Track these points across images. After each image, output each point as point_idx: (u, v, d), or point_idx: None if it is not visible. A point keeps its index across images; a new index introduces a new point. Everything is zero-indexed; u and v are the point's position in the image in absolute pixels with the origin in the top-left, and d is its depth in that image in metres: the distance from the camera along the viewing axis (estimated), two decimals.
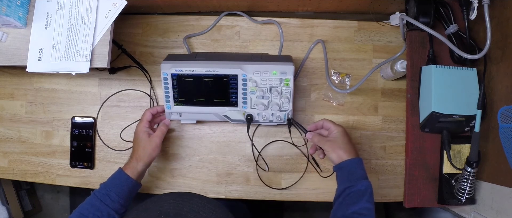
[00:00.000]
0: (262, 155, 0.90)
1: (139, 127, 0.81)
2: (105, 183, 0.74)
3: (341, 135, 0.73)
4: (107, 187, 0.73)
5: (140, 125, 0.81)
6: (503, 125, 0.70)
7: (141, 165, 0.76)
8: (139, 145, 0.79)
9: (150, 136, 0.79)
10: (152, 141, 0.78)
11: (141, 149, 0.78)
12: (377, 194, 0.90)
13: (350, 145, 0.73)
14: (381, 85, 0.91)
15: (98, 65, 0.72)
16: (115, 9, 0.72)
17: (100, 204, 0.71)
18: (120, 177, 0.75)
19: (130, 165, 0.76)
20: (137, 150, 0.78)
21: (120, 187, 0.73)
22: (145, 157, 0.77)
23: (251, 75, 0.79)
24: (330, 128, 0.76)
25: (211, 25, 0.91)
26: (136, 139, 0.80)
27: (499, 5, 0.72)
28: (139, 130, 0.80)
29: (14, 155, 0.94)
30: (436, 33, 0.73)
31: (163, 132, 0.81)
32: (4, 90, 0.95)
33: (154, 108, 0.84)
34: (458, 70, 0.77)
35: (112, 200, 0.71)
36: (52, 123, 0.94)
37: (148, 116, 0.82)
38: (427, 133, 0.83)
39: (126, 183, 0.74)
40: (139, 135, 0.80)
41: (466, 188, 0.76)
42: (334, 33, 0.91)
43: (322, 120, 0.79)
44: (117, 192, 0.72)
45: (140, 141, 0.79)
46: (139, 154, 0.77)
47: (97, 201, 0.71)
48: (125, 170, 0.75)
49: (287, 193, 0.90)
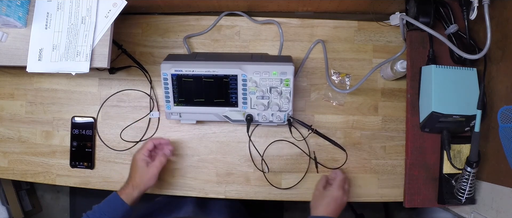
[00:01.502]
0: (262, 156, 0.90)
1: (138, 154, 0.80)
2: (99, 206, 0.74)
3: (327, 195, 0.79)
4: (101, 210, 0.73)
5: (140, 152, 0.80)
6: (503, 125, 0.70)
7: (137, 192, 0.76)
8: (136, 172, 0.78)
9: (148, 165, 0.79)
10: (149, 170, 0.78)
11: (138, 176, 0.78)
12: (377, 194, 0.90)
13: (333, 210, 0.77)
14: (381, 85, 0.91)
15: (98, 65, 0.72)
16: (115, 9, 0.72)
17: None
18: (115, 201, 0.75)
19: (126, 191, 0.76)
20: (134, 177, 0.78)
21: (114, 212, 0.74)
22: (142, 185, 0.77)
23: (251, 75, 0.79)
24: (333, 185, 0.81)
25: (211, 25, 0.91)
26: (134, 165, 0.80)
27: (499, 5, 0.72)
28: (138, 157, 0.80)
29: (14, 155, 0.94)
30: (436, 33, 0.73)
31: (162, 162, 0.80)
32: (4, 90, 0.95)
33: (158, 139, 0.83)
34: (458, 70, 0.77)
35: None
36: (52, 123, 0.94)
37: (150, 145, 0.81)
38: (427, 133, 0.83)
39: (121, 208, 0.74)
40: (137, 162, 0.79)
41: (466, 188, 0.76)
42: (334, 33, 0.91)
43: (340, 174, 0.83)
44: (111, 216, 0.73)
45: (138, 168, 0.79)
46: (136, 181, 0.77)
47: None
48: (121, 194, 0.75)
49: (287, 193, 0.90)
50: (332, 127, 0.90)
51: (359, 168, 0.90)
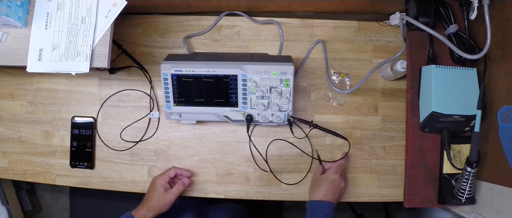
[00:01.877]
0: (263, 156, 0.90)
1: (159, 179, 0.82)
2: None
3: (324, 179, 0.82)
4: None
5: (161, 177, 0.83)
6: (503, 125, 0.70)
7: (151, 214, 0.78)
8: (154, 195, 0.80)
9: (167, 191, 0.81)
10: (167, 196, 0.80)
11: (155, 200, 0.79)
12: (377, 194, 0.90)
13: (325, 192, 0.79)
14: (381, 85, 0.91)
15: (98, 65, 0.72)
16: (115, 9, 0.72)
17: None
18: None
19: (140, 212, 0.78)
20: (151, 200, 0.79)
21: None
22: (156, 209, 0.78)
23: (251, 75, 0.79)
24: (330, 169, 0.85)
25: (211, 25, 0.91)
26: (153, 189, 0.81)
27: (499, 5, 0.72)
28: (158, 182, 0.82)
29: (14, 155, 0.94)
30: (436, 33, 0.73)
31: (180, 190, 0.82)
32: (4, 90, 0.95)
33: (181, 170, 0.86)
34: (458, 70, 0.77)
35: None
36: (52, 123, 0.94)
37: (173, 173, 0.84)
38: (427, 133, 0.83)
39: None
40: (156, 187, 0.81)
41: (466, 188, 0.76)
42: (334, 33, 0.91)
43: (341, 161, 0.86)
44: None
45: (156, 192, 0.80)
46: (152, 204, 0.79)
47: None
48: (135, 215, 0.77)
49: (287, 193, 0.90)
50: (332, 127, 0.90)
51: (359, 168, 0.90)
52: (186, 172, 0.87)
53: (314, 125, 0.87)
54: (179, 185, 0.83)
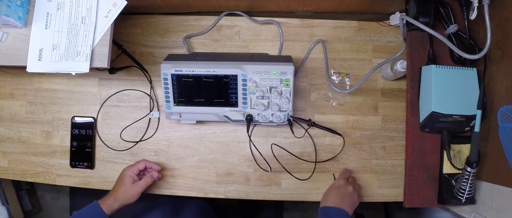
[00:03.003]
0: (263, 155, 0.90)
1: (127, 170, 0.83)
2: (78, 212, 0.78)
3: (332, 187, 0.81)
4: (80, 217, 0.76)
5: (130, 169, 0.83)
6: (503, 125, 0.70)
7: (117, 205, 0.79)
8: (121, 186, 0.81)
9: (134, 183, 0.81)
10: (134, 188, 0.80)
11: (122, 191, 0.80)
12: (377, 194, 0.90)
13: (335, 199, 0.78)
14: (381, 85, 0.91)
15: (98, 65, 0.72)
16: (115, 9, 0.72)
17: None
18: (95, 210, 0.77)
19: (107, 202, 0.79)
20: (117, 190, 0.80)
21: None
22: (123, 200, 0.79)
23: (251, 75, 0.79)
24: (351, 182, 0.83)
25: (211, 25, 0.91)
26: (121, 180, 0.82)
27: (499, 5, 0.72)
28: (126, 173, 0.82)
29: (14, 155, 0.94)
30: (436, 33, 0.73)
31: (148, 183, 0.83)
32: (4, 90, 0.95)
33: (151, 163, 0.86)
34: (458, 70, 0.77)
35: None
36: (52, 123, 0.94)
37: (142, 165, 0.84)
38: (427, 133, 0.83)
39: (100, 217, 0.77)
40: (124, 178, 0.82)
41: (466, 188, 0.76)
42: (334, 33, 0.91)
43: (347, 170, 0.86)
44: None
45: (123, 183, 0.81)
46: (118, 195, 0.80)
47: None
48: (101, 204, 0.78)
49: (287, 193, 0.90)
50: (332, 127, 0.90)
51: (359, 168, 0.90)
52: (156, 166, 0.87)
53: (312, 123, 0.87)
54: (147, 177, 0.83)
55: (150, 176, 0.84)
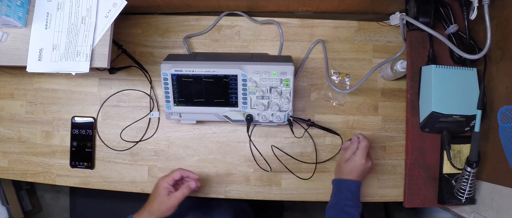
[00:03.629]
0: (263, 155, 0.90)
1: (163, 181, 0.77)
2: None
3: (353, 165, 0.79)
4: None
5: (165, 179, 0.77)
6: (503, 125, 0.70)
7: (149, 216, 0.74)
8: (156, 198, 0.75)
9: (170, 194, 0.75)
10: (170, 200, 0.75)
11: (156, 203, 0.75)
12: (377, 194, 0.90)
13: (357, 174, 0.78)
14: (381, 85, 0.91)
15: (98, 65, 0.72)
16: (115, 9, 0.72)
17: None
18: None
19: (142, 216, 0.74)
20: (152, 203, 0.75)
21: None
22: (158, 213, 0.74)
23: (251, 75, 0.79)
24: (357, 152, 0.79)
25: (211, 25, 0.91)
26: (156, 192, 0.76)
27: (499, 5, 0.72)
28: (161, 184, 0.76)
29: (14, 155, 0.94)
30: (436, 33, 0.73)
31: (185, 194, 0.76)
32: (4, 90, 0.95)
33: (187, 172, 0.80)
34: (458, 70, 0.77)
35: None
36: (52, 123, 0.94)
37: (177, 175, 0.78)
38: (427, 133, 0.83)
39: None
40: (159, 189, 0.76)
41: (466, 188, 0.76)
42: (334, 33, 0.91)
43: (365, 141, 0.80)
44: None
45: (158, 195, 0.75)
46: (153, 208, 0.75)
47: None
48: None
49: (287, 193, 0.90)
50: (332, 127, 0.90)
51: None
52: (193, 174, 0.80)
53: (311, 123, 0.87)
54: (184, 188, 0.76)
55: (186, 187, 0.77)
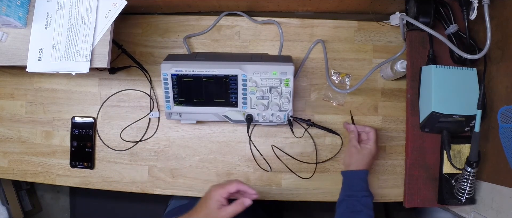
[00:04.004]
0: (263, 155, 0.90)
1: (216, 192, 0.70)
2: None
3: (368, 154, 0.81)
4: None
5: (219, 191, 0.70)
6: (503, 125, 0.70)
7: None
8: (205, 209, 0.70)
9: (221, 208, 0.69)
10: (220, 214, 0.69)
11: (204, 215, 0.69)
12: (377, 194, 0.90)
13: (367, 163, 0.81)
14: (381, 85, 0.91)
15: (98, 65, 0.72)
16: (115, 9, 0.72)
17: None
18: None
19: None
20: (199, 212, 0.70)
21: None
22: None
23: (251, 75, 0.79)
24: (369, 140, 0.83)
25: (211, 25, 0.91)
26: (206, 202, 0.70)
27: (499, 5, 0.72)
28: (214, 195, 0.70)
29: (14, 155, 0.94)
30: (436, 33, 0.73)
31: (237, 211, 0.69)
32: (4, 90, 0.95)
33: (245, 186, 0.72)
34: (458, 70, 0.77)
35: None
36: (52, 123, 0.94)
37: (233, 188, 0.70)
38: (427, 133, 0.83)
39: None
40: (210, 201, 0.70)
41: (466, 188, 0.76)
42: (334, 33, 0.91)
43: (372, 129, 0.83)
44: None
45: (208, 206, 0.69)
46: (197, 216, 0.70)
47: None
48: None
49: (287, 193, 0.90)
50: (332, 127, 0.90)
51: None
52: (251, 190, 0.71)
53: (312, 123, 0.87)
54: (238, 205, 0.69)
55: (240, 203, 0.70)
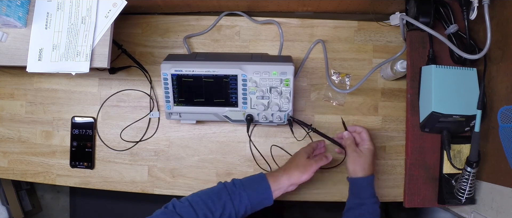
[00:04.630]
0: (263, 155, 0.90)
1: (303, 149, 0.80)
2: (241, 181, 0.73)
3: (368, 154, 0.79)
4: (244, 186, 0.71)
5: (305, 148, 0.80)
6: (503, 125, 0.70)
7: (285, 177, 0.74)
8: (293, 162, 0.77)
9: (309, 158, 0.77)
10: (309, 162, 0.76)
11: (294, 165, 0.76)
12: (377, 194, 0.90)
13: (371, 165, 0.78)
14: (381, 85, 0.91)
15: (98, 65, 0.72)
16: (115, 9, 0.72)
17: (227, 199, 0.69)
18: (261, 182, 0.73)
19: (277, 173, 0.75)
20: (289, 165, 0.77)
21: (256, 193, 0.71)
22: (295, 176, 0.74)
23: (251, 75, 0.79)
24: (364, 140, 0.81)
25: (211, 25, 0.91)
26: (294, 156, 0.79)
27: (499, 5, 0.72)
28: (301, 150, 0.80)
29: (14, 155, 0.94)
30: (436, 33, 0.73)
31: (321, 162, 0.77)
32: (4, 90, 0.95)
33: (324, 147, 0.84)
34: (458, 70, 0.77)
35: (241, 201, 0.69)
36: (52, 123, 0.94)
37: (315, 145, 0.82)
38: (427, 133, 0.83)
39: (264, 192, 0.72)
40: (299, 153, 0.79)
41: (466, 188, 0.76)
42: (334, 33, 0.91)
43: (363, 128, 0.82)
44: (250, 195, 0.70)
45: (296, 157, 0.78)
46: (290, 169, 0.75)
47: (225, 194, 0.69)
48: (268, 176, 0.74)
49: (287, 193, 0.90)
50: (332, 127, 0.90)
51: None
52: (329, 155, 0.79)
53: (313, 128, 0.85)
54: (323, 157, 0.78)
55: (325, 156, 0.78)
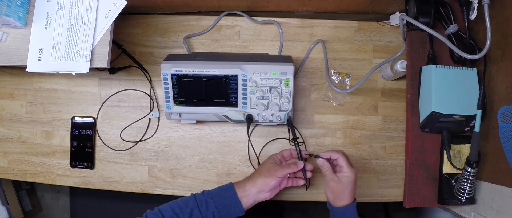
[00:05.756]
0: (261, 155, 0.90)
1: (270, 156, 0.80)
2: (210, 191, 0.74)
3: (349, 182, 0.73)
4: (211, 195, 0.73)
5: (274, 154, 0.80)
6: (503, 125, 0.70)
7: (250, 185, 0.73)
8: (259, 167, 0.79)
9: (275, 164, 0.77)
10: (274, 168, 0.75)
11: (258, 171, 0.77)
12: (377, 194, 0.90)
13: (351, 192, 0.74)
14: (381, 85, 0.91)
15: (98, 65, 0.72)
16: (115, 9, 0.72)
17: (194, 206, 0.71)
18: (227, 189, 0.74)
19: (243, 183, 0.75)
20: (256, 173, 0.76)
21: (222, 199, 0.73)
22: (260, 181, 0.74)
23: (251, 75, 0.79)
24: (343, 168, 0.74)
25: (211, 25, 0.91)
26: (264, 164, 0.79)
27: (499, 5, 0.72)
28: (269, 157, 0.80)
29: (14, 155, 0.94)
30: (436, 33, 0.73)
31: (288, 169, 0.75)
32: (4, 90, 0.95)
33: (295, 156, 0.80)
34: (458, 70, 0.77)
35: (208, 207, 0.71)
36: (52, 123, 0.94)
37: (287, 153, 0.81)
38: (427, 133, 0.83)
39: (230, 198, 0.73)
40: (266, 160, 0.79)
41: (466, 188, 0.76)
42: (334, 33, 0.91)
43: (340, 153, 0.75)
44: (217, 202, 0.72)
45: (262, 164, 0.79)
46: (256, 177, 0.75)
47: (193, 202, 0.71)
48: (236, 186, 0.75)
49: (287, 193, 0.90)
50: (332, 127, 0.90)
51: (359, 168, 0.90)
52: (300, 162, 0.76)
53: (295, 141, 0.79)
54: (291, 164, 0.76)
55: (294, 163, 0.75)
